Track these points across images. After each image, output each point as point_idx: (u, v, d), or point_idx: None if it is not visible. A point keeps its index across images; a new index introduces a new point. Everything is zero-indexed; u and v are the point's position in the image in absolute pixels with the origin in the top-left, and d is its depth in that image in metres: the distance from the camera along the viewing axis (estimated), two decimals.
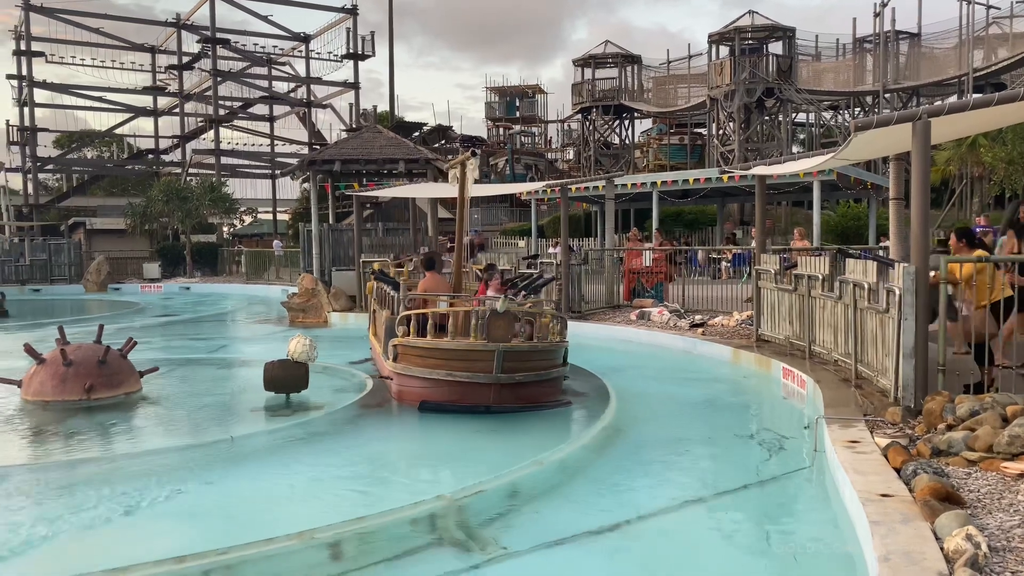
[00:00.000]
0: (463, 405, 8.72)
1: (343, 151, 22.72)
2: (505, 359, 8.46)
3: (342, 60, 46.60)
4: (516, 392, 8.75)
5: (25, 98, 42.94)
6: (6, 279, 34.24)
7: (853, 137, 7.84)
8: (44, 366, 9.72)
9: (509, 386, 8.66)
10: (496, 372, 8.45)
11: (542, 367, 9.00)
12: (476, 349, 8.50)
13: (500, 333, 8.44)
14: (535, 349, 8.92)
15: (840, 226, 27.80)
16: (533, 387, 8.95)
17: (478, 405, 8.65)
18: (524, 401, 8.81)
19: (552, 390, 9.32)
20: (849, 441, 6.30)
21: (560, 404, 9.15)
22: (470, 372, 8.59)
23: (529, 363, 8.81)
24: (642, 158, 47.21)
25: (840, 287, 9.45)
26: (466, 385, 8.63)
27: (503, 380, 8.52)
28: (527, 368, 8.77)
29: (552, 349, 9.17)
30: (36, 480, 6.99)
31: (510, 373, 8.57)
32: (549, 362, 9.14)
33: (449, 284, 11.00)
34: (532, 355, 8.88)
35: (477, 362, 8.55)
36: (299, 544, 5.13)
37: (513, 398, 8.73)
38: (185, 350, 15.44)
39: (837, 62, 38.96)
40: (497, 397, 8.62)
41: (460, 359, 8.64)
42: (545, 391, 9.18)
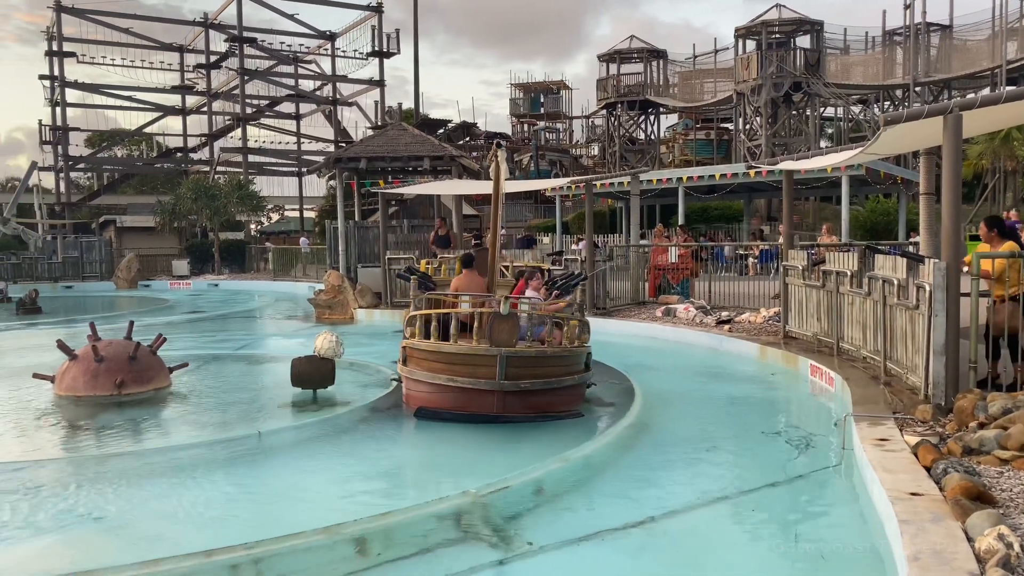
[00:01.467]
0: (462, 413, 8.18)
1: (369, 148, 22.84)
2: (509, 365, 7.93)
3: (367, 58, 46.83)
4: (526, 400, 8.18)
5: (57, 98, 43.61)
6: (39, 276, 34.84)
7: (883, 131, 7.73)
8: (76, 362, 9.88)
9: (516, 394, 8.10)
10: (499, 379, 7.91)
11: (554, 374, 8.38)
12: (478, 353, 8.00)
13: (503, 337, 7.93)
14: (543, 355, 8.32)
15: (869, 221, 27.48)
16: (544, 395, 8.33)
17: (479, 414, 8.10)
18: (535, 410, 8.24)
19: (569, 398, 8.66)
20: (878, 439, 6.23)
21: (570, 415, 8.45)
22: (473, 378, 8.04)
23: (538, 370, 8.24)
24: (668, 153, 46.94)
25: (869, 283, 9.34)
26: (469, 392, 8.10)
27: (507, 387, 7.97)
28: (535, 375, 8.19)
29: (564, 355, 8.51)
30: (68, 473, 7.11)
31: (514, 380, 8.00)
32: (563, 368, 8.51)
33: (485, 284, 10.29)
34: (541, 361, 8.31)
35: (480, 367, 8.01)
36: (325, 539, 5.18)
37: (522, 407, 8.16)
38: (214, 346, 15.60)
39: (866, 55, 38.45)
40: (502, 405, 8.04)
41: (463, 363, 8.12)
42: (559, 399, 8.51)
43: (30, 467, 7.16)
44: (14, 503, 6.25)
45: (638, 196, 20.37)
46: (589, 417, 8.63)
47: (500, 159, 9.35)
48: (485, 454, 7.66)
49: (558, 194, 30.83)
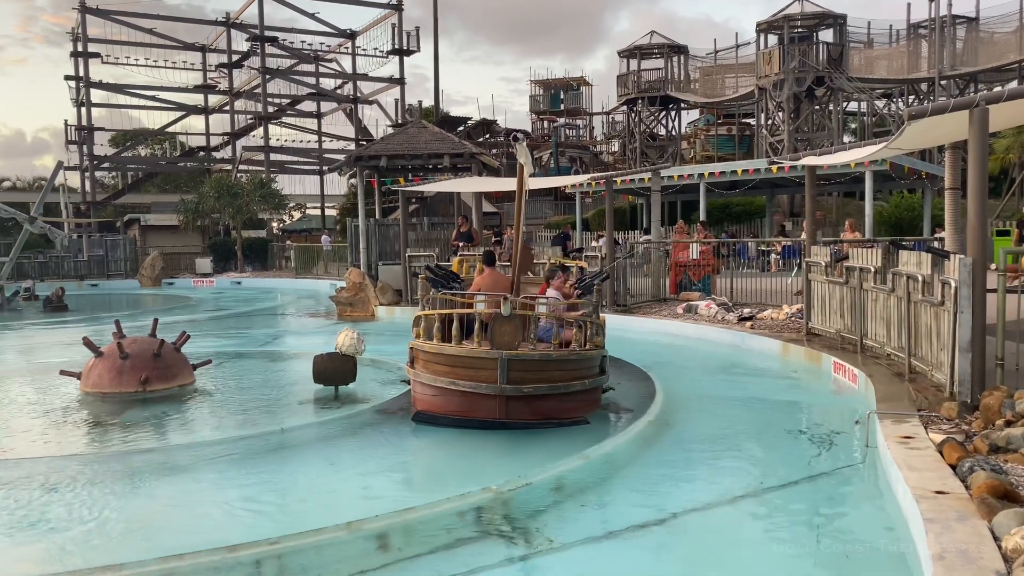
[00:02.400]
0: (460, 419, 7.89)
1: (389, 147, 22.92)
2: (511, 368, 7.59)
3: (387, 56, 46.97)
4: (531, 406, 7.81)
5: (82, 98, 44.12)
6: (65, 274, 35.30)
7: (907, 126, 7.64)
8: (102, 359, 10.01)
9: (520, 399, 7.73)
10: (501, 382, 7.59)
11: (560, 378, 7.95)
12: (479, 356, 7.70)
13: (506, 339, 7.62)
14: (547, 358, 7.89)
15: (893, 217, 27.18)
16: (551, 400, 7.93)
17: (479, 419, 7.80)
18: (541, 416, 7.87)
19: (579, 404, 8.21)
20: (902, 437, 6.17)
21: (575, 422, 8.00)
22: (474, 381, 7.73)
23: (543, 374, 7.82)
24: (689, 149, 46.67)
25: (893, 279, 9.24)
26: (471, 396, 7.78)
27: (508, 392, 7.63)
28: (540, 380, 7.79)
29: (571, 358, 8.06)
30: (94, 469, 7.21)
31: (517, 384, 7.65)
32: (571, 373, 8.05)
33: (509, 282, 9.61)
34: (546, 365, 7.87)
35: (482, 370, 7.70)
36: (347, 534, 5.21)
37: (528, 412, 7.80)
38: (237, 343, 15.74)
39: (890, 48, 37.98)
40: (505, 410, 7.70)
41: (465, 366, 7.82)
42: (568, 405, 8.06)
43: (57, 462, 7.27)
44: (42, 498, 6.35)
45: (659, 192, 20.27)
46: (606, 421, 8.60)
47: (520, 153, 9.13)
48: (503, 451, 7.68)
49: (578, 191, 30.76)
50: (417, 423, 8.14)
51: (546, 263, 11.90)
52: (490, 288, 9.17)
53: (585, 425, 8.00)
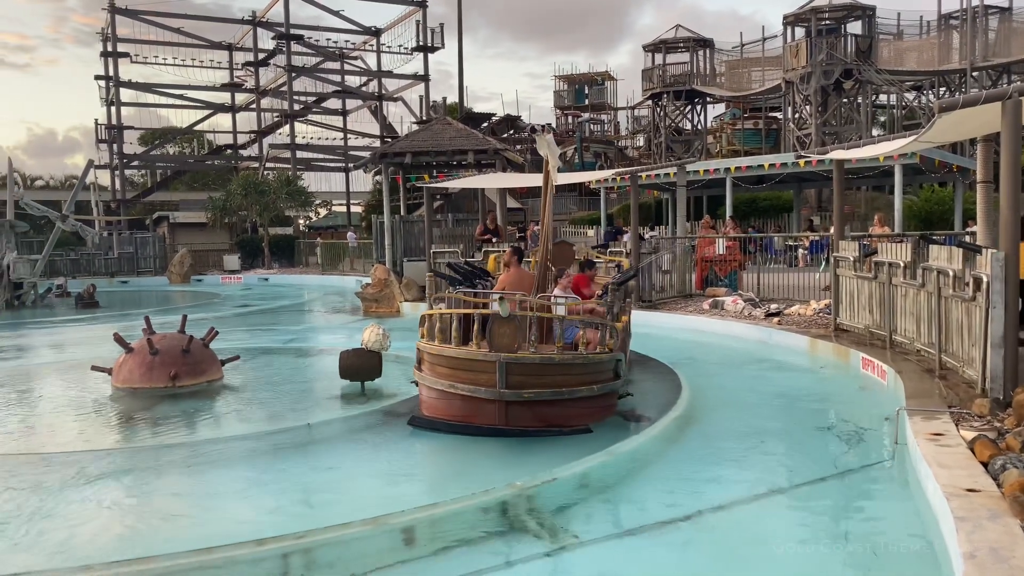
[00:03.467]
0: (456, 424, 7.59)
1: (413, 143, 22.99)
2: (510, 372, 7.25)
3: (412, 53, 47.12)
4: (534, 412, 7.44)
5: (112, 97, 44.72)
6: (96, 271, 35.83)
7: (937, 118, 7.53)
8: (132, 355, 10.16)
9: (521, 404, 7.39)
10: (500, 387, 7.27)
11: (564, 383, 7.51)
12: (477, 359, 7.39)
13: (505, 342, 7.29)
14: (549, 362, 7.43)
15: (924, 211, 26.80)
16: (554, 407, 7.52)
17: (476, 426, 7.48)
18: (544, 423, 7.48)
19: (586, 411, 7.73)
20: (933, 434, 6.09)
21: (578, 430, 7.51)
22: (473, 385, 7.43)
23: (545, 378, 7.42)
24: (715, 143, 46.32)
25: (923, 274, 9.12)
26: (470, 400, 7.48)
27: (507, 397, 7.29)
28: (542, 384, 7.39)
29: (576, 362, 7.59)
30: (125, 463, 7.32)
31: (517, 389, 7.30)
32: (576, 378, 7.61)
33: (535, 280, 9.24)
34: (547, 369, 7.43)
35: (481, 374, 7.38)
36: (374, 529, 5.25)
37: (530, 418, 7.43)
38: (264, 339, 15.89)
39: (921, 40, 37.40)
40: (504, 416, 7.36)
41: (465, 369, 7.52)
42: (573, 412, 7.63)
43: (90, 457, 7.39)
44: (74, 492, 6.46)
45: (684, 187, 20.16)
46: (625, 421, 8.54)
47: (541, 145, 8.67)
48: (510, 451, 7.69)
49: (603, 186, 30.66)
50: (413, 428, 7.86)
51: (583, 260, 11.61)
52: (514, 286, 8.82)
53: (587, 434, 7.45)
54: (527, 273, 9.29)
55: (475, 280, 10.17)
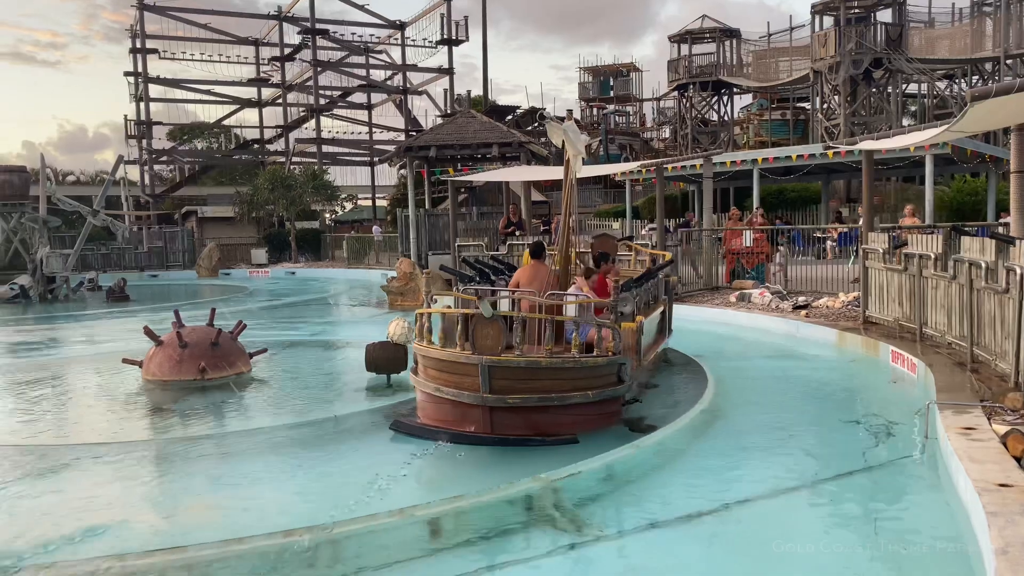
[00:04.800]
0: (439, 430, 7.18)
1: (438, 137, 23.05)
2: (494, 376, 6.81)
3: (436, 46, 47.17)
4: (523, 418, 6.97)
5: (141, 93, 45.25)
6: (127, 265, 36.34)
7: (970, 107, 7.40)
8: (162, 348, 10.30)
9: (507, 410, 6.92)
10: (483, 391, 6.83)
11: (554, 388, 7.02)
12: (460, 361, 6.98)
13: (488, 343, 6.86)
14: (535, 366, 6.92)
15: (955, 202, 26.35)
16: (543, 413, 7.03)
17: (454, 432, 7.07)
18: (536, 430, 7.02)
19: (584, 418, 7.22)
20: (964, 428, 6.00)
21: (563, 440, 7.01)
22: (457, 389, 7.03)
23: (532, 383, 6.93)
24: (742, 135, 45.90)
25: (955, 266, 8.98)
26: (456, 405, 7.09)
27: (491, 402, 6.85)
28: (529, 389, 6.92)
29: (567, 366, 7.06)
30: (155, 455, 7.44)
31: (501, 394, 6.86)
32: (568, 383, 7.08)
33: (554, 276, 8.68)
34: (535, 373, 6.93)
35: (465, 377, 6.97)
36: (400, 520, 5.28)
37: (518, 425, 6.96)
38: (291, 332, 16.03)
39: (953, 28, 36.74)
40: (488, 423, 6.92)
41: (451, 372, 7.13)
42: (569, 419, 7.12)
43: (121, 448, 7.51)
44: (105, 482, 6.57)
45: (711, 179, 20.00)
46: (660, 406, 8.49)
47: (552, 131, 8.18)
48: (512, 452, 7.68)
49: (628, 178, 30.50)
50: (395, 432, 7.54)
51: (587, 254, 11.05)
52: (528, 283, 8.37)
53: (573, 444, 6.95)
54: (544, 268, 8.71)
55: (492, 276, 9.86)
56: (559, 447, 6.90)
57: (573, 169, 8.50)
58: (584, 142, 8.56)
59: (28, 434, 8.29)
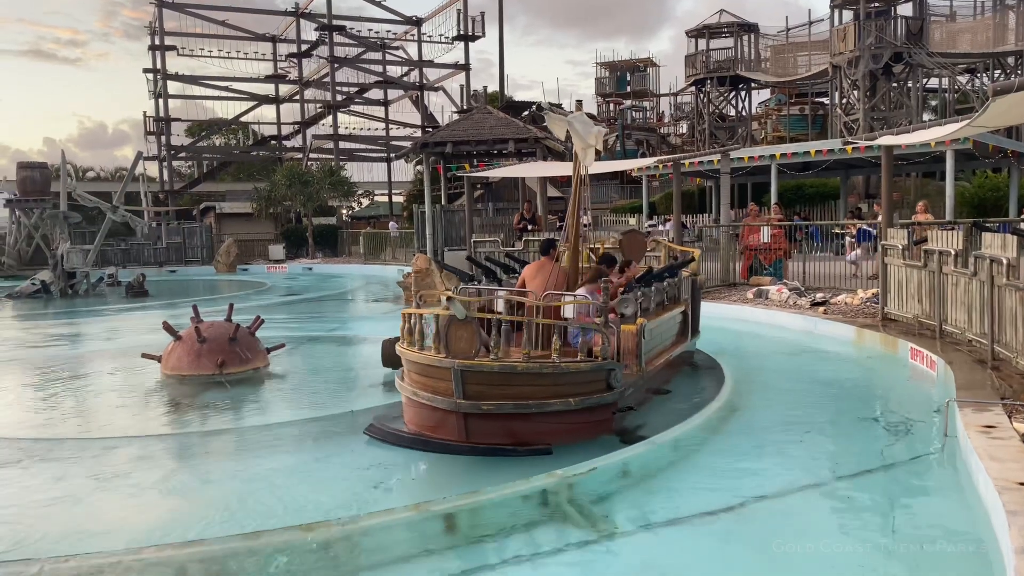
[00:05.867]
0: (406, 437, 6.97)
1: (454, 133, 23.07)
2: (467, 381, 6.48)
3: (453, 42, 47.22)
4: (500, 426, 6.63)
5: (160, 90, 45.59)
6: (146, 261, 36.65)
7: (992, 102, 7.31)
8: (180, 343, 10.38)
9: (482, 417, 6.58)
10: (457, 397, 6.53)
11: (532, 395, 6.60)
12: (434, 364, 6.68)
13: (461, 347, 6.52)
14: (511, 371, 6.54)
15: (976, 198, 26.06)
16: (528, 421, 6.66)
17: (424, 440, 6.83)
18: (514, 439, 6.65)
19: (570, 427, 6.81)
20: (984, 426, 5.94)
21: (536, 451, 6.61)
22: (431, 393, 6.74)
23: (508, 388, 6.57)
24: (760, 130, 45.61)
25: (976, 263, 8.88)
26: (434, 410, 6.79)
27: (464, 408, 6.54)
28: (505, 395, 6.56)
29: (545, 372, 6.62)
30: (174, 448, 7.51)
31: (475, 400, 6.52)
32: (547, 389, 6.65)
33: (562, 274, 8.24)
34: (511, 378, 6.56)
35: (440, 381, 6.66)
36: (416, 515, 5.30)
37: (495, 433, 6.62)
38: (309, 328, 16.11)
39: (975, 21, 36.31)
40: (463, 430, 6.60)
41: (427, 375, 6.84)
42: (552, 428, 6.72)
43: (140, 441, 7.59)
44: (125, 476, 6.64)
45: (728, 174, 19.90)
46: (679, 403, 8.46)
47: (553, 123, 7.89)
48: None
49: (645, 174, 30.40)
50: (369, 437, 7.28)
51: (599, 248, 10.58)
52: (533, 279, 8.05)
53: (547, 455, 6.55)
54: (551, 266, 8.24)
55: (498, 275, 9.55)
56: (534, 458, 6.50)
57: (583, 163, 8.25)
58: (598, 134, 8.27)
59: (49, 428, 8.40)
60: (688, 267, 10.48)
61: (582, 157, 8.24)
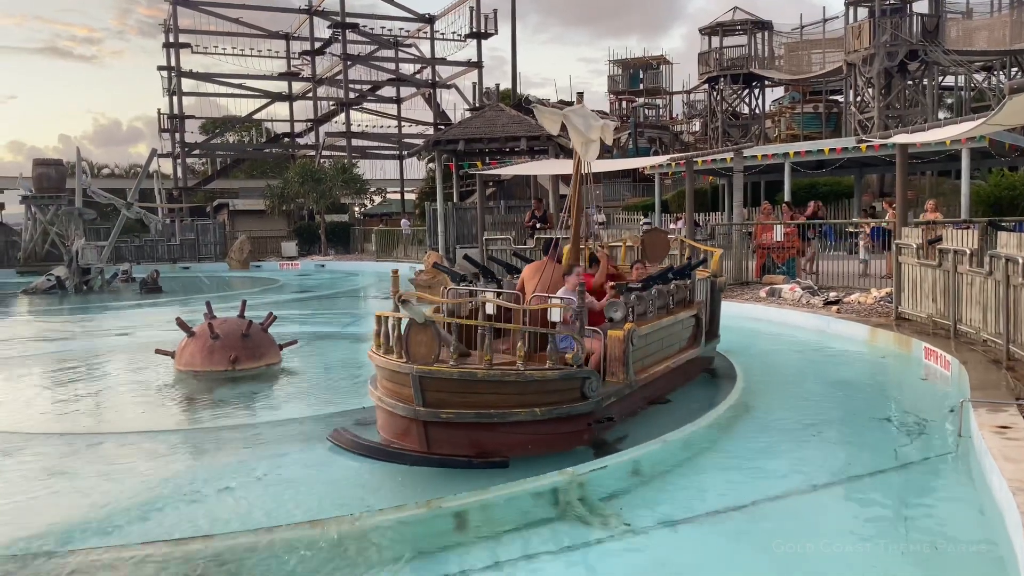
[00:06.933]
0: (366, 445, 6.69)
1: (466, 130, 23.07)
2: (425, 388, 6.17)
3: (465, 39, 47.23)
4: (464, 436, 6.29)
5: (174, 87, 45.80)
6: (159, 257, 36.85)
7: (1008, 100, 7.25)
8: (194, 339, 10.43)
9: (443, 426, 6.27)
10: (416, 404, 6.22)
11: (496, 404, 6.24)
12: (394, 370, 6.40)
13: (422, 351, 6.20)
14: (470, 377, 6.17)
15: (992, 196, 25.83)
16: (493, 431, 6.30)
17: (382, 450, 6.57)
18: (478, 449, 6.32)
19: (539, 439, 6.44)
20: (999, 426, 5.90)
21: (493, 463, 6.28)
22: (394, 400, 6.49)
23: (469, 396, 6.21)
24: (773, 128, 45.39)
25: (991, 262, 8.81)
26: (397, 418, 6.53)
27: (423, 416, 6.23)
28: (466, 404, 6.21)
29: (509, 380, 6.24)
30: (187, 443, 7.55)
31: (434, 408, 6.21)
32: (511, 398, 6.28)
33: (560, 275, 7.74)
34: (472, 385, 6.19)
35: (404, 388, 6.35)
36: (427, 512, 5.31)
37: (458, 443, 6.29)
38: (321, 324, 16.16)
39: (991, 18, 36.00)
40: (424, 439, 6.31)
41: (391, 381, 6.58)
42: (519, 439, 6.35)
43: (155, 436, 7.64)
44: (139, 470, 6.68)
45: (742, 172, 19.82)
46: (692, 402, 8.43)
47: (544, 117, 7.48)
48: None
49: (657, 172, 30.31)
50: (330, 443, 7.03)
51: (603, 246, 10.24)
52: (530, 280, 7.76)
53: (503, 468, 6.21)
54: (551, 267, 7.81)
55: (496, 275, 9.07)
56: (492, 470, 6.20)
57: (583, 159, 7.83)
58: (604, 128, 7.92)
59: (64, 422, 8.46)
60: (708, 267, 10.04)
61: (582, 153, 7.82)
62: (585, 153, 7.83)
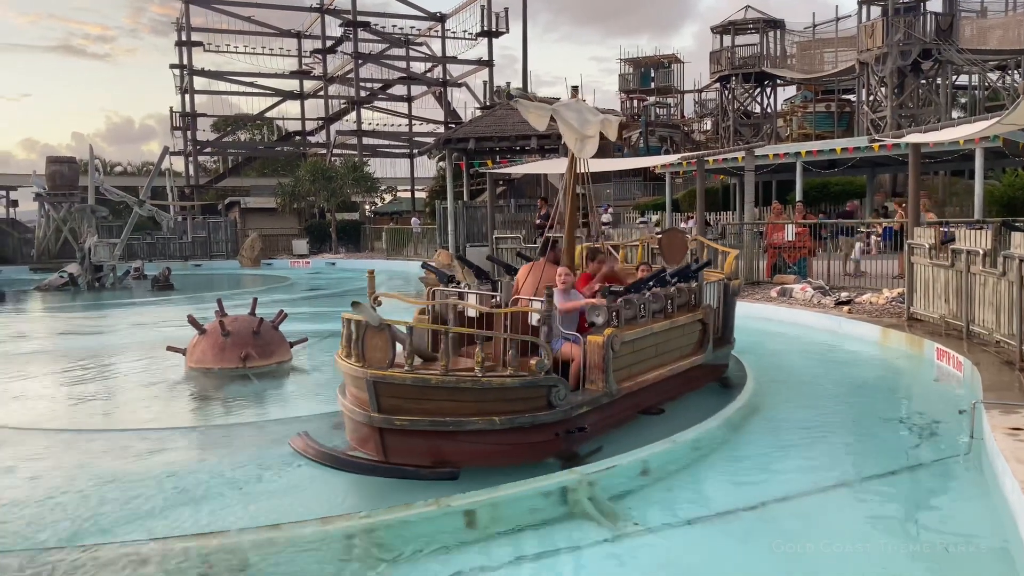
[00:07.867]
0: (323, 452, 6.46)
1: (477, 129, 23.08)
2: (379, 393, 5.90)
3: (476, 38, 47.25)
4: (423, 444, 5.99)
5: (186, 86, 46.00)
6: (171, 255, 37.02)
7: (1022, 99, 7.19)
8: (205, 336, 10.48)
9: (399, 433, 5.97)
10: (372, 410, 5.94)
11: (452, 411, 5.94)
12: (352, 375, 6.16)
13: (377, 356, 5.96)
14: (424, 383, 5.87)
15: (1006, 196, 25.66)
16: (454, 440, 5.98)
17: (338, 458, 6.33)
18: (437, 458, 6.00)
19: (502, 448, 6.11)
20: (1011, 428, 5.86)
21: (441, 476, 5.95)
22: (355, 406, 6.21)
23: (425, 403, 5.91)
24: (785, 127, 45.21)
25: (1004, 263, 8.75)
26: (358, 424, 6.24)
27: (378, 423, 5.95)
28: (422, 411, 5.92)
29: (464, 386, 5.92)
30: (198, 440, 7.58)
31: (389, 414, 5.92)
32: (472, 406, 5.95)
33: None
34: (427, 392, 5.90)
35: (362, 392, 6.06)
36: (436, 510, 5.31)
37: (416, 451, 5.99)
38: (331, 322, 16.18)
39: (1006, 17, 35.74)
40: (381, 447, 6.02)
41: (352, 386, 6.33)
42: (482, 449, 6.05)
43: (166, 433, 7.68)
44: (152, 466, 6.72)
45: (753, 172, 19.74)
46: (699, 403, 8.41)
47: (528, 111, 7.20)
48: None
49: (668, 171, 30.23)
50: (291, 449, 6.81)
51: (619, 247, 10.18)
52: (524, 281, 7.48)
53: (452, 480, 5.90)
54: (548, 268, 7.42)
55: (492, 275, 8.80)
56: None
57: (577, 156, 7.46)
58: (605, 123, 7.57)
59: (74, 418, 8.52)
60: (720, 269, 9.73)
61: (576, 151, 7.40)
62: (580, 150, 7.44)
